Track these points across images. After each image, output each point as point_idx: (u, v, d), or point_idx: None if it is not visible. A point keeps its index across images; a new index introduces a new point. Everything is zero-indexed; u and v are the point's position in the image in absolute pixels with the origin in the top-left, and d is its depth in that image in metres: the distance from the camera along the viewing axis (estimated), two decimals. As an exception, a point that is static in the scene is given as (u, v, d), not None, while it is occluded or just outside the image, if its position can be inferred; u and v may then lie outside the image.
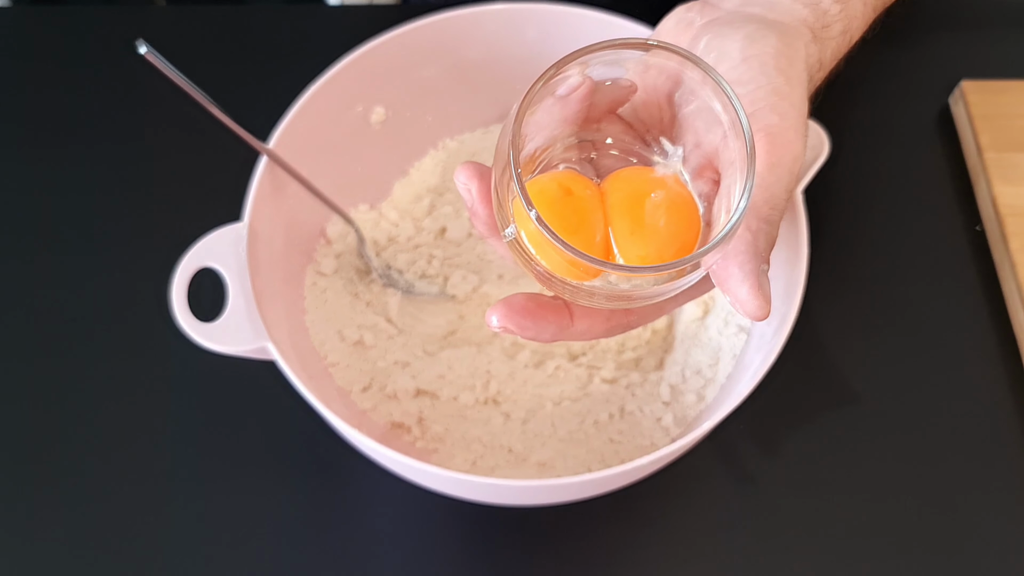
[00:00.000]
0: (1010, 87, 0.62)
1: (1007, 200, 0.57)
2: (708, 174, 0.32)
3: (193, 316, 0.43)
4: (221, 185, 0.50)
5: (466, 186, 0.32)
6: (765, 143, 0.32)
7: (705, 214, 0.31)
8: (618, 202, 0.30)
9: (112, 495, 0.50)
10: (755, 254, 0.31)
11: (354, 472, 0.50)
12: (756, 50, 0.34)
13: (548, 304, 0.32)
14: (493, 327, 0.32)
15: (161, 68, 0.39)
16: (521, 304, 0.32)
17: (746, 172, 0.29)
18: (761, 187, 0.32)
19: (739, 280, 0.31)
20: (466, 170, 0.32)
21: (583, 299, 0.31)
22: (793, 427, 0.52)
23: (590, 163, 0.34)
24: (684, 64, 0.31)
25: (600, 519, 0.49)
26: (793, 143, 0.33)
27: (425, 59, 0.54)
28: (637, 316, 0.34)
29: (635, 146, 0.34)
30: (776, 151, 0.32)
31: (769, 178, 0.32)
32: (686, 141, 0.33)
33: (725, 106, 0.30)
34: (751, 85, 0.33)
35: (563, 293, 0.31)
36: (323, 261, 0.54)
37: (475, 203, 0.32)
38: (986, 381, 0.54)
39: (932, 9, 0.68)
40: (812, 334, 0.55)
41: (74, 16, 0.67)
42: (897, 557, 0.49)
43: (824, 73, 0.39)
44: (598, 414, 0.50)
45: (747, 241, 0.31)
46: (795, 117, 0.33)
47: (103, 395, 0.53)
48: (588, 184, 0.31)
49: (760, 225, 0.31)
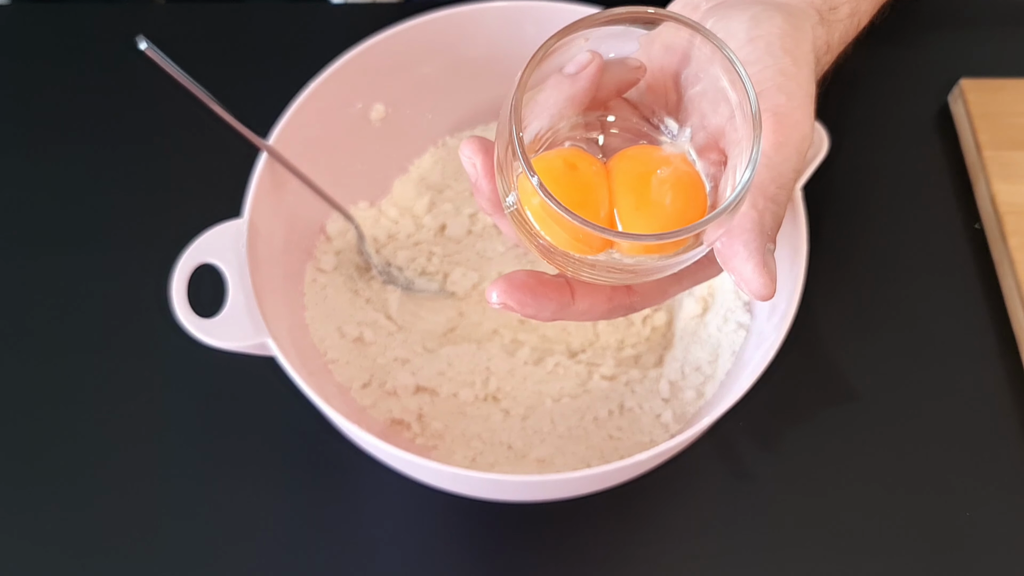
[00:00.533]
0: (1009, 85, 0.62)
1: (1006, 198, 0.57)
2: (714, 155, 0.31)
3: (193, 312, 0.43)
4: (221, 181, 0.50)
5: (471, 160, 0.31)
6: (772, 123, 0.31)
7: (711, 194, 0.31)
8: (623, 179, 0.30)
9: (111, 490, 0.50)
10: (760, 232, 0.30)
11: (353, 468, 0.50)
12: (762, 31, 0.33)
13: (549, 282, 0.32)
14: (493, 303, 0.31)
15: (161, 64, 0.39)
16: (522, 280, 0.31)
17: (751, 146, 0.28)
18: (768, 167, 0.31)
19: (744, 258, 0.30)
20: (471, 144, 0.31)
21: (586, 273, 0.30)
22: (792, 424, 0.52)
23: (596, 143, 0.33)
24: (694, 38, 0.30)
25: (600, 515, 0.49)
26: (800, 123, 0.32)
27: (425, 56, 0.54)
28: (640, 297, 0.34)
29: (642, 127, 0.33)
30: (783, 131, 0.32)
31: (776, 158, 0.31)
32: (692, 122, 0.33)
33: (733, 83, 0.29)
34: (757, 66, 0.32)
35: (566, 268, 0.31)
36: (323, 258, 0.54)
37: (479, 178, 0.32)
38: (985, 378, 0.54)
39: (931, 8, 0.68)
40: (811, 331, 0.55)
41: (74, 14, 0.67)
42: (895, 552, 0.49)
43: (832, 56, 0.38)
44: (597, 411, 0.50)
45: (752, 219, 0.30)
46: (802, 97, 0.33)
47: (103, 390, 0.53)
48: (594, 161, 0.30)
49: (766, 204, 0.31)
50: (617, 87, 0.33)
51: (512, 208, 0.30)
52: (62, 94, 0.64)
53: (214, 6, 0.68)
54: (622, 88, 0.33)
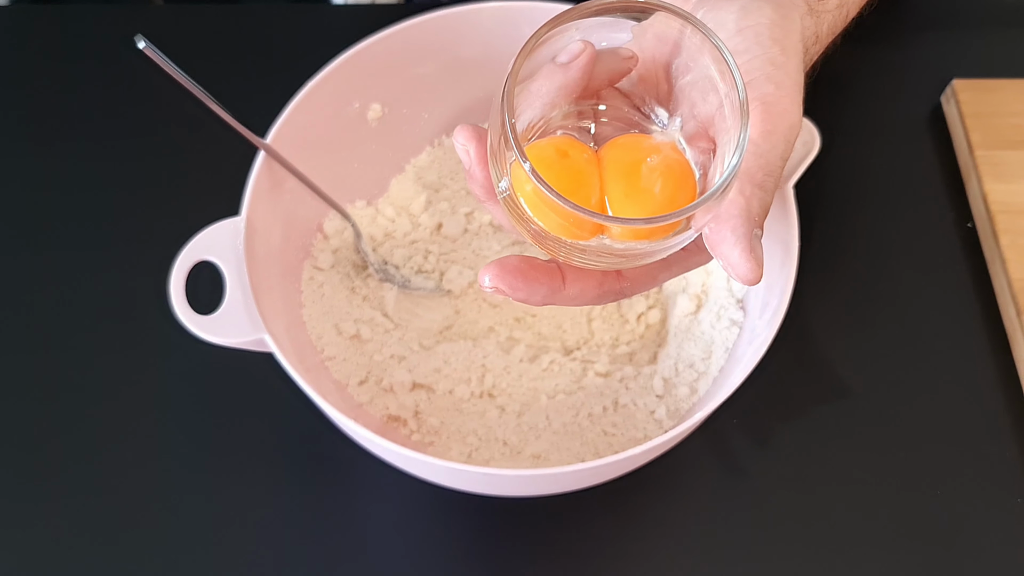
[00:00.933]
0: (1001, 86, 0.62)
1: (997, 197, 0.58)
2: (703, 143, 0.32)
3: (191, 308, 0.44)
4: (220, 180, 0.51)
5: (464, 147, 0.32)
6: (760, 112, 0.32)
7: (700, 181, 0.31)
8: (614, 166, 0.31)
9: (110, 487, 0.51)
10: (748, 218, 0.31)
11: (350, 464, 0.51)
12: (751, 21, 0.34)
13: (541, 266, 0.32)
14: (485, 287, 0.32)
15: (160, 63, 0.39)
16: (513, 265, 0.32)
17: (739, 132, 0.29)
18: (756, 154, 0.32)
19: (731, 244, 0.31)
20: (465, 131, 0.32)
21: (577, 258, 0.31)
22: (784, 420, 0.53)
23: (588, 132, 0.34)
24: (684, 28, 0.31)
25: (594, 510, 0.50)
26: (789, 112, 0.33)
27: (421, 56, 0.54)
28: (630, 283, 0.34)
29: (633, 116, 0.34)
30: (771, 119, 0.32)
31: (764, 145, 0.32)
32: (683, 111, 0.33)
33: (722, 73, 0.30)
34: (746, 55, 0.33)
35: (558, 253, 0.31)
36: (320, 256, 0.54)
37: (473, 165, 0.32)
38: (976, 375, 0.54)
39: (923, 8, 0.68)
40: (804, 329, 0.55)
41: (74, 14, 0.67)
42: (888, 547, 0.49)
43: (820, 47, 0.39)
44: (592, 407, 0.51)
45: (740, 206, 0.31)
46: (791, 87, 0.33)
47: (102, 387, 0.53)
48: (585, 149, 0.31)
49: (754, 191, 0.32)
50: (609, 77, 0.33)
51: (505, 194, 0.30)
52: (61, 94, 0.64)
53: (213, 7, 0.68)
54: (614, 78, 0.33)
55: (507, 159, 0.29)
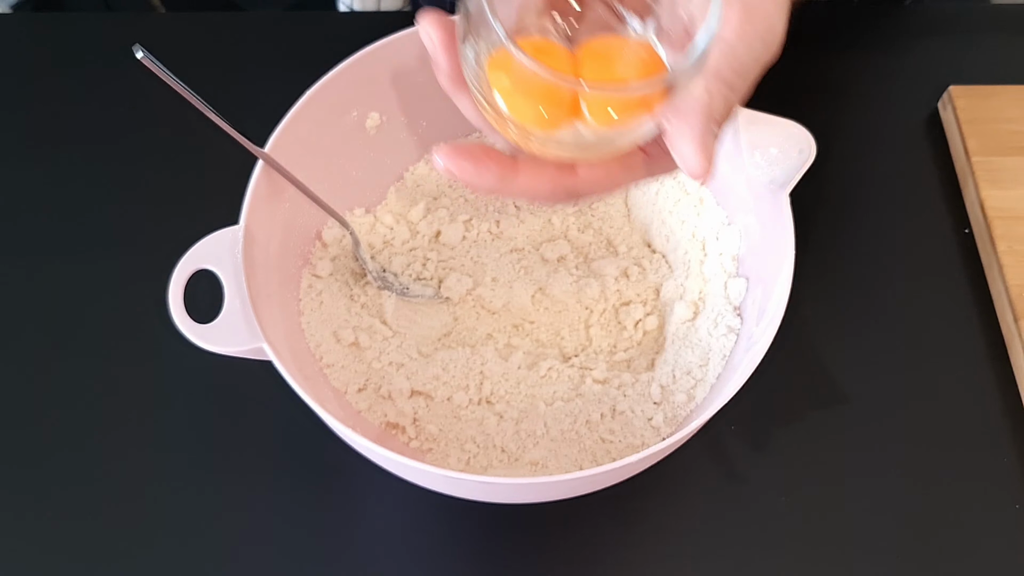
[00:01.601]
0: (997, 92, 0.63)
1: (994, 203, 0.58)
2: (680, 45, 0.32)
3: (190, 317, 0.44)
4: (218, 189, 0.51)
5: (428, 34, 0.32)
6: (739, 10, 0.32)
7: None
8: (589, 64, 0.31)
9: (109, 495, 0.51)
10: (707, 115, 0.31)
11: (349, 471, 0.51)
12: None
13: (495, 154, 0.32)
14: (438, 167, 0.32)
15: (157, 72, 0.40)
16: (467, 148, 0.32)
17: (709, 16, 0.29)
18: (728, 54, 0.32)
19: (687, 138, 0.31)
20: (428, 16, 0.32)
21: (552, 149, 0.31)
22: (782, 426, 0.53)
23: (565, 35, 0.34)
24: None
25: (592, 516, 0.50)
26: (769, 16, 0.32)
27: (419, 65, 0.55)
28: (585, 182, 0.34)
29: (610, 20, 0.34)
30: (750, 19, 0.32)
31: (738, 46, 0.32)
32: (664, 9, 0.33)
33: None
34: None
35: (530, 144, 0.31)
36: (319, 264, 0.54)
37: (437, 52, 0.32)
38: (974, 381, 0.55)
39: (920, 15, 0.69)
40: (802, 335, 0.55)
41: (75, 23, 0.68)
42: (886, 553, 0.49)
43: None
44: (590, 414, 0.51)
45: (703, 102, 0.31)
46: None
47: (100, 395, 0.53)
48: (561, 49, 0.31)
49: (719, 88, 0.31)
50: None
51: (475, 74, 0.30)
52: (62, 102, 0.64)
53: (214, 15, 0.68)
54: None
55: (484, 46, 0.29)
